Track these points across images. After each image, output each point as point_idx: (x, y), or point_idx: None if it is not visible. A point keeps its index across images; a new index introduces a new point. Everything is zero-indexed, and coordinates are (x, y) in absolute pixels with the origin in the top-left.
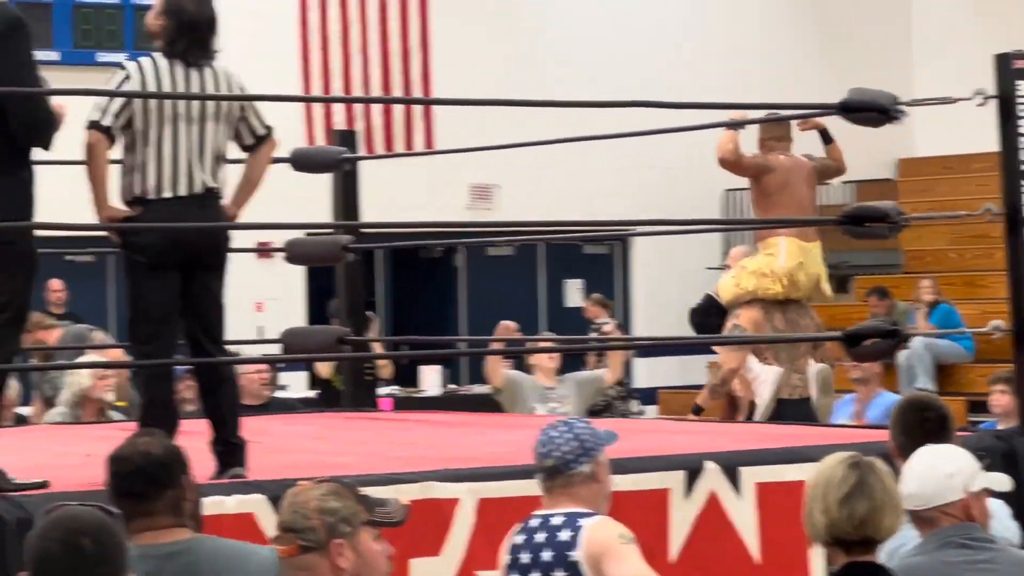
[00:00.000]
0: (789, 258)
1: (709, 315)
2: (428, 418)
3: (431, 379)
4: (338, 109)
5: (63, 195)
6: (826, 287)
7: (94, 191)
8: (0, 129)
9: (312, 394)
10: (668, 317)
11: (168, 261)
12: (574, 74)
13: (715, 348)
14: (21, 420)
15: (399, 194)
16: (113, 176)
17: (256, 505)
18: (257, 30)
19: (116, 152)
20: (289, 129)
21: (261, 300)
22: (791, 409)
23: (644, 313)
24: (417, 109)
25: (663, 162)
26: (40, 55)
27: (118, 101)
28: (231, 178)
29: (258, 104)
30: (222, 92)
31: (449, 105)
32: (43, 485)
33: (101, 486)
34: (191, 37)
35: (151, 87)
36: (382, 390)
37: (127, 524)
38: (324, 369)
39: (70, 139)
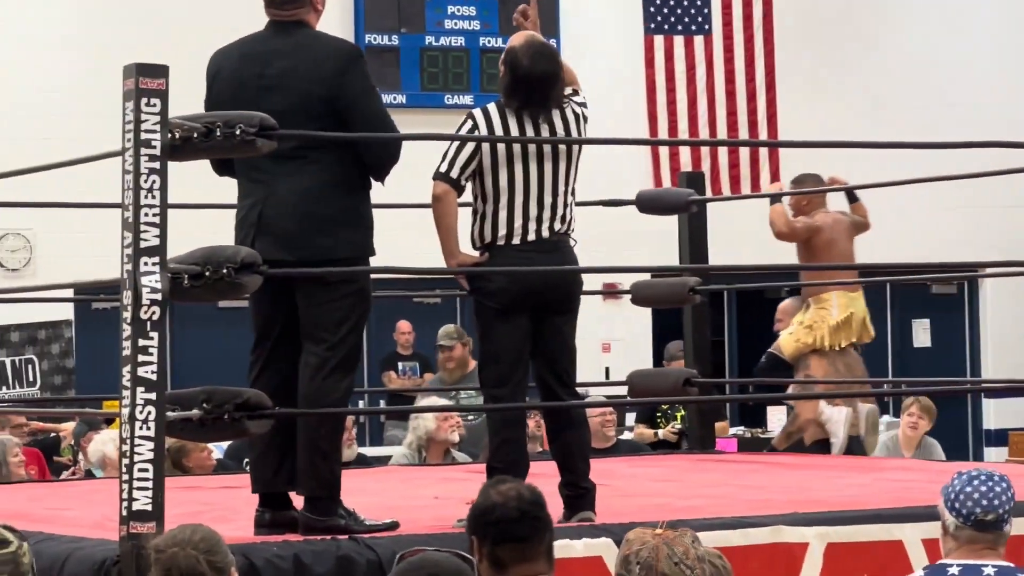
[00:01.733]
0: (840, 311)
1: (777, 370)
2: (775, 460)
3: (777, 420)
4: (685, 149)
5: (411, 236)
6: (870, 329)
7: (443, 240)
8: (346, 165)
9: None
10: (1019, 357)
11: (517, 306)
12: (919, 114)
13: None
14: (362, 460)
15: (744, 233)
16: (464, 220)
17: (604, 549)
18: (603, 71)
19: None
20: (637, 169)
21: (608, 341)
22: (854, 444)
23: (993, 354)
24: (763, 149)
25: (1014, 200)
26: (387, 98)
27: (465, 151)
28: None
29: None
30: (571, 134)
31: (794, 147)
32: (393, 527)
33: (451, 528)
34: (524, 92)
35: (497, 133)
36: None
37: (502, 570)
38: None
39: (416, 181)
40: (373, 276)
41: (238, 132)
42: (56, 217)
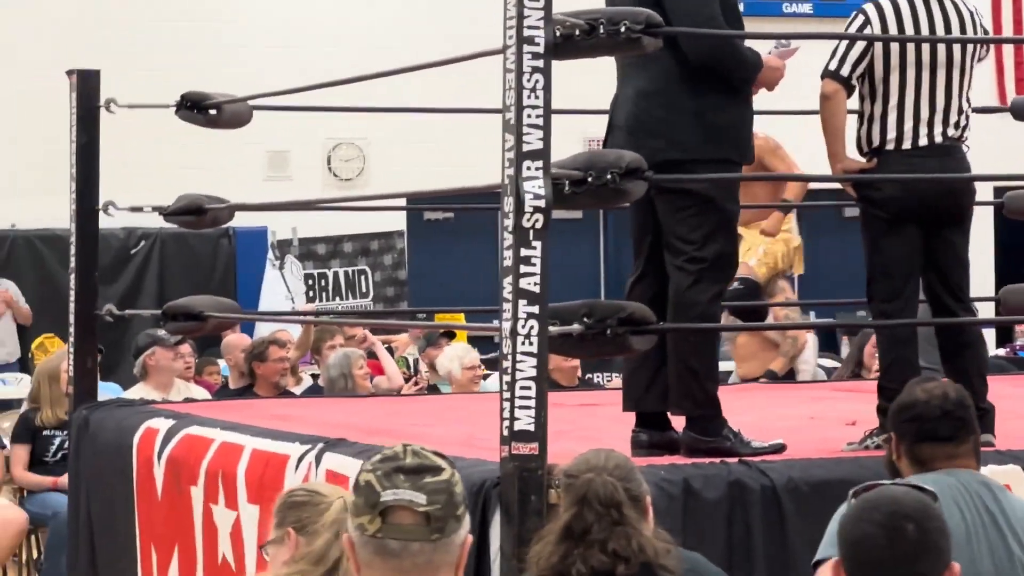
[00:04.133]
0: (797, 234)
1: (755, 293)
2: None
3: None
4: None
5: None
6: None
7: (829, 143)
8: (689, 65)
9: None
10: None
11: (908, 215)
12: None
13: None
14: None
15: None
16: (850, 126)
17: (1012, 476)
18: None
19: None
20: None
21: None
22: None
23: None
24: None
25: None
26: None
27: (856, 48)
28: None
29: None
30: (968, 34)
31: None
32: (780, 449)
33: (843, 453)
34: None
35: (891, 31)
36: None
37: (923, 468)
38: None
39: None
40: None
41: (622, 29)
42: (389, 126)
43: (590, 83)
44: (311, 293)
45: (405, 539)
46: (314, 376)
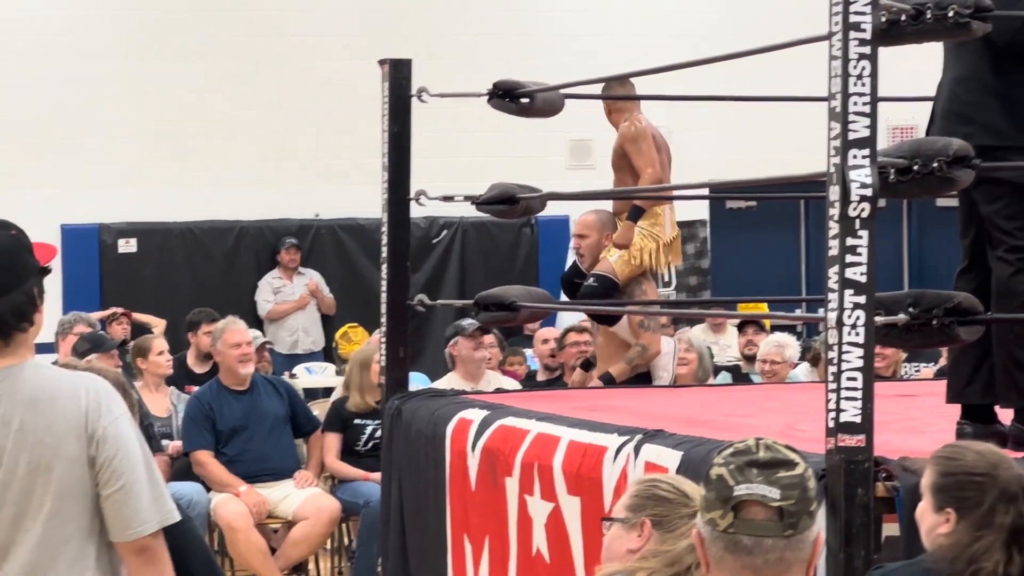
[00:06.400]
0: (672, 228)
1: (612, 295)
2: None
3: None
4: None
5: None
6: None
7: None
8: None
9: None
10: None
11: None
12: None
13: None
14: None
15: None
16: None
17: None
18: None
19: None
20: None
21: None
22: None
23: None
24: None
25: None
26: None
27: None
28: None
29: None
30: None
31: None
32: None
33: None
34: None
35: None
36: None
37: None
38: None
39: None
40: None
41: (950, 14)
42: (689, 115)
43: (894, 70)
44: None
45: (758, 535)
46: None
